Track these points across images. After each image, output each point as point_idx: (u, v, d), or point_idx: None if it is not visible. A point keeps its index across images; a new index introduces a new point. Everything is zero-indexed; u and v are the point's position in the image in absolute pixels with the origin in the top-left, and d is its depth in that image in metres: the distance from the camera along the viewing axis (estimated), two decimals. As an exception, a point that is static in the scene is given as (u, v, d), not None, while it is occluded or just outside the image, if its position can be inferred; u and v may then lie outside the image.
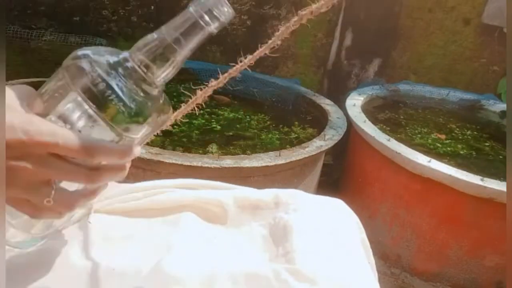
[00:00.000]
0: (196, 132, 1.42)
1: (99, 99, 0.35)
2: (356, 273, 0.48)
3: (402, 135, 1.66)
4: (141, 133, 0.38)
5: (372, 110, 1.80)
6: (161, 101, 0.39)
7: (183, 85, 2.08)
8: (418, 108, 1.92)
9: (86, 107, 0.35)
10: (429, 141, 1.65)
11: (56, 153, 0.34)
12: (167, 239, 0.47)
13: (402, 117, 1.84)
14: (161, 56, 0.37)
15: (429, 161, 1.30)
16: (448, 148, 1.61)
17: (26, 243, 0.40)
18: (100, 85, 0.34)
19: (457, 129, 1.80)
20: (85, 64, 0.35)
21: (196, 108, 0.48)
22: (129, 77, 0.36)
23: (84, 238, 0.46)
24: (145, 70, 0.37)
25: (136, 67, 0.37)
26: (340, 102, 1.72)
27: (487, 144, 1.70)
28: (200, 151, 1.30)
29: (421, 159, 1.32)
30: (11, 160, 0.32)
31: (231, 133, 1.46)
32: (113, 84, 0.35)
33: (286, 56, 2.09)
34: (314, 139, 1.35)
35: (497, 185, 1.23)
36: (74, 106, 0.35)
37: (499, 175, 1.36)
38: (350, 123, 1.57)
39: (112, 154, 0.36)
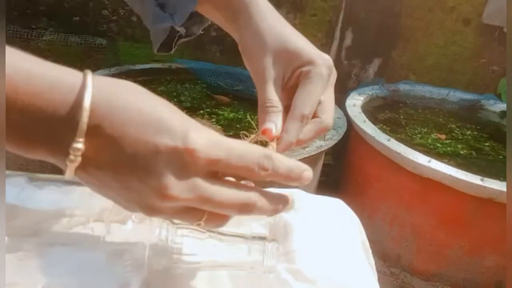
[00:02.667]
0: (196, 132, 1.43)
1: None
2: (355, 273, 0.48)
3: (402, 135, 1.66)
4: None
5: (372, 110, 1.80)
6: None
7: (183, 85, 2.08)
8: (418, 108, 1.92)
9: None
10: (429, 141, 1.65)
11: (213, 170, 0.29)
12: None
13: (402, 117, 1.84)
14: None
15: (429, 161, 1.30)
16: (448, 148, 1.61)
17: None
18: None
19: (457, 129, 1.80)
20: None
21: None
22: None
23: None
24: None
25: None
26: (340, 102, 1.72)
27: (487, 144, 1.70)
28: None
29: (421, 159, 1.32)
30: (157, 167, 0.27)
31: (231, 133, 1.46)
32: None
33: (286, 56, 2.09)
34: (314, 139, 1.35)
35: (497, 185, 1.23)
36: None
37: (499, 175, 1.36)
38: (350, 123, 1.57)
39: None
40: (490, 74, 2.12)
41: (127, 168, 0.28)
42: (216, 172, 0.30)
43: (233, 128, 1.49)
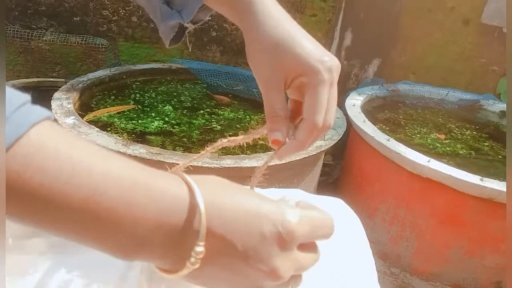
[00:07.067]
0: (196, 132, 1.43)
1: None
2: (355, 272, 0.48)
3: (402, 135, 1.66)
4: None
5: (371, 110, 1.81)
6: None
7: (183, 85, 2.07)
8: (418, 108, 1.93)
9: None
10: (429, 141, 1.65)
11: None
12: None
13: (401, 117, 1.84)
14: None
15: (429, 161, 1.31)
16: (448, 148, 1.62)
17: None
18: None
19: (457, 129, 1.80)
20: None
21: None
22: None
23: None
24: None
25: None
26: (339, 102, 1.72)
27: (486, 144, 1.70)
28: (200, 151, 1.30)
29: (421, 159, 1.32)
30: (265, 253, 0.30)
31: (231, 133, 1.46)
32: None
33: (286, 56, 2.09)
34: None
35: (497, 185, 1.23)
36: None
37: (499, 175, 1.36)
38: (349, 123, 1.57)
39: None
40: (489, 74, 2.12)
41: (240, 260, 0.30)
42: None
43: (233, 128, 1.49)
